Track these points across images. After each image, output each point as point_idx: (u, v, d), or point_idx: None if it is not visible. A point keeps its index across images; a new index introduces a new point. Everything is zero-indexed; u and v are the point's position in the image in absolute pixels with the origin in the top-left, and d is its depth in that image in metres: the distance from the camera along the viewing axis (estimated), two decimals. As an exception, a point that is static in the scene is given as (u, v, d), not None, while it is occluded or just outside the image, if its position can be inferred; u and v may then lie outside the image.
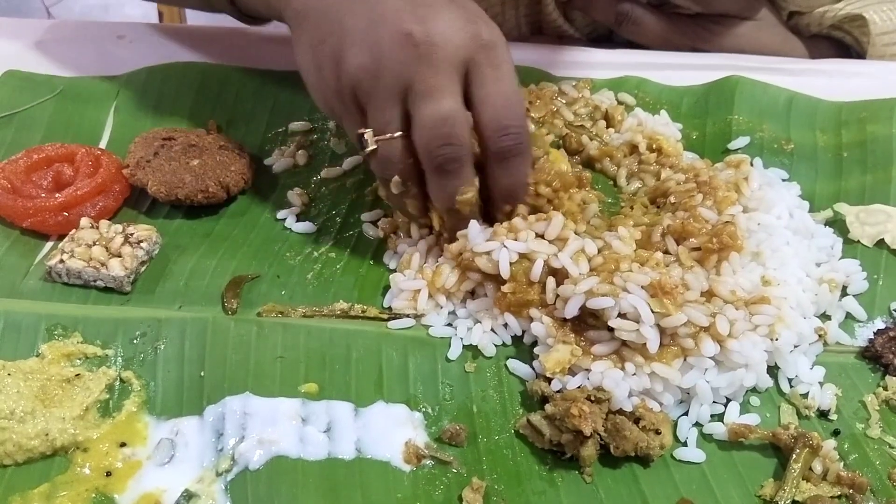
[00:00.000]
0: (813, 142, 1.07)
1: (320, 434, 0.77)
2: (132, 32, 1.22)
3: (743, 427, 0.78)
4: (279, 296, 0.89)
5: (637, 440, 0.76)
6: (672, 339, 0.80)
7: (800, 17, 1.24)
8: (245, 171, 0.99)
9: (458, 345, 0.85)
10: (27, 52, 1.18)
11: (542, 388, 0.80)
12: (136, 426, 0.78)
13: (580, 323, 0.82)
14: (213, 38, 1.21)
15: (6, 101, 1.09)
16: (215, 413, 0.78)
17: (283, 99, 1.11)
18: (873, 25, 1.17)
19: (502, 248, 0.84)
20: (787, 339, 0.81)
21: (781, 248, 0.88)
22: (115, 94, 1.10)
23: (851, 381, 0.84)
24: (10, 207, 0.93)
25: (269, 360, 0.82)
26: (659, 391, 0.79)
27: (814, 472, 0.76)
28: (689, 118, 1.10)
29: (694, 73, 1.15)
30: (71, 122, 1.07)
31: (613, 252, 0.85)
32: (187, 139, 1.00)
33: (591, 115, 1.08)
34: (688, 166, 0.98)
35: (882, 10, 1.19)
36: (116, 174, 0.97)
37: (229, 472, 0.74)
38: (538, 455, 0.78)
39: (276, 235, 0.96)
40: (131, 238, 0.90)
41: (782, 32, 1.25)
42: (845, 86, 1.14)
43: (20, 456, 0.75)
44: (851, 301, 0.89)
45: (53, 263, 0.88)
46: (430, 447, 0.77)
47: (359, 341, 0.84)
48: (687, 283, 0.82)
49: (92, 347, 0.83)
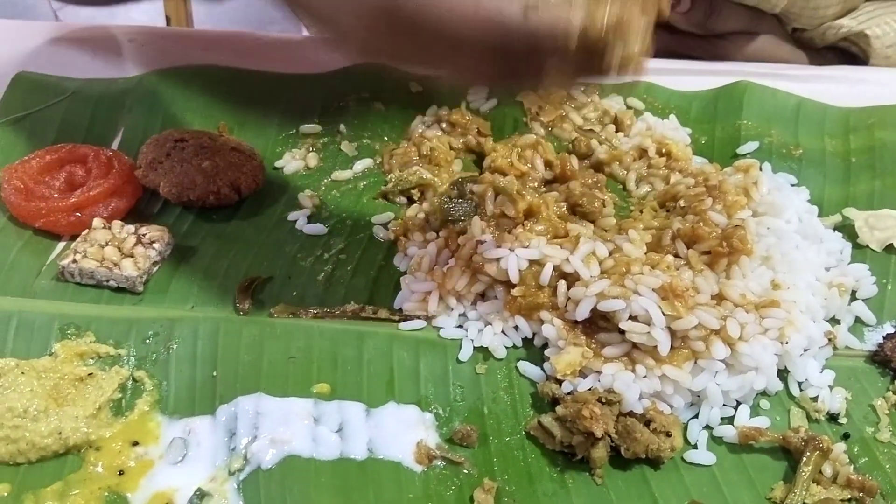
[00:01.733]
0: (821, 147, 1.08)
1: (332, 434, 0.77)
2: (142, 36, 1.23)
3: (753, 430, 0.79)
4: (291, 297, 0.89)
5: (648, 442, 0.76)
6: (683, 342, 0.80)
7: (803, 32, 1.25)
8: (256, 173, 1.00)
9: (469, 346, 0.85)
10: (38, 55, 1.19)
11: (553, 389, 0.80)
12: (149, 425, 0.78)
13: (591, 325, 0.83)
14: (221, 42, 1.22)
15: (19, 103, 1.09)
16: (228, 413, 0.78)
17: (294, 101, 1.12)
18: (876, 41, 1.18)
19: (511, 255, 0.84)
20: (796, 343, 0.82)
21: (791, 252, 0.89)
22: (126, 96, 1.11)
23: (861, 384, 0.84)
24: (23, 208, 0.94)
25: (281, 360, 0.83)
26: (669, 394, 0.80)
27: (824, 476, 0.76)
28: (698, 123, 1.10)
29: (703, 78, 1.16)
30: (83, 123, 1.08)
31: (624, 255, 0.85)
32: (199, 141, 1.00)
33: (600, 119, 1.09)
34: (697, 170, 0.99)
35: (886, 22, 1.20)
36: (128, 175, 0.97)
37: (242, 471, 0.75)
38: (549, 456, 0.78)
39: (287, 237, 0.96)
40: (144, 238, 0.91)
41: (787, 48, 1.26)
42: (852, 92, 1.15)
43: (33, 454, 0.75)
44: (861, 305, 0.90)
45: (66, 263, 0.89)
46: (441, 448, 0.78)
47: (370, 342, 0.85)
48: (697, 286, 0.83)
49: (105, 347, 0.84)
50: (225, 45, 1.21)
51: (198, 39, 1.24)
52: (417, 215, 0.96)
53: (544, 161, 1.00)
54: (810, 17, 1.22)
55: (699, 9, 1.20)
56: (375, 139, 1.08)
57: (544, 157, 1.00)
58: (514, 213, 0.88)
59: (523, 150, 1.01)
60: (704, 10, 1.21)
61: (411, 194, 0.99)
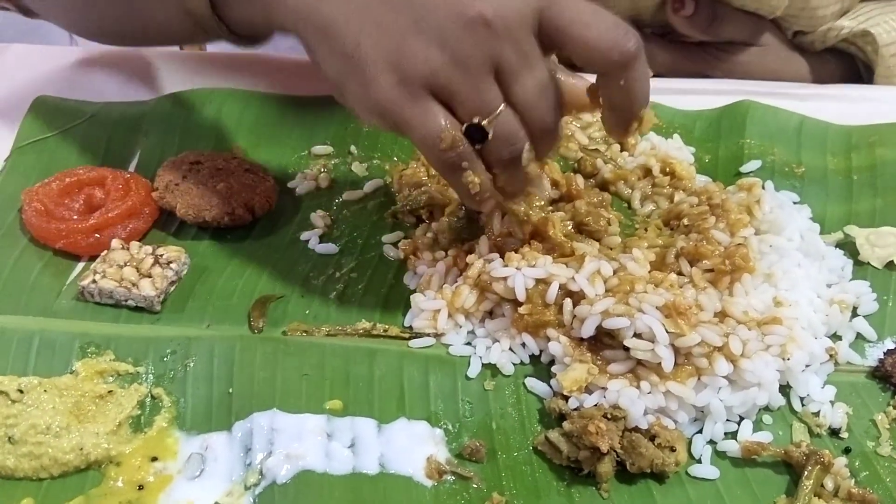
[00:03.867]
0: (823, 165, 1.09)
1: (345, 449, 0.79)
2: (157, 60, 1.26)
3: (756, 444, 0.80)
4: (304, 315, 0.92)
5: (653, 457, 0.78)
6: (686, 359, 0.82)
7: (804, 35, 1.27)
8: (269, 194, 1.02)
9: (478, 363, 0.87)
10: (55, 78, 1.22)
11: (560, 405, 0.82)
12: (167, 441, 0.80)
13: (596, 343, 0.85)
14: (234, 65, 1.25)
15: (38, 127, 1.12)
16: (243, 429, 0.80)
17: (306, 123, 1.14)
18: (880, 38, 1.20)
19: (518, 274, 0.86)
20: (798, 359, 0.83)
21: (793, 269, 0.90)
22: (143, 119, 1.13)
23: (862, 399, 0.85)
24: (43, 229, 0.96)
25: (294, 377, 0.85)
26: (674, 409, 0.81)
27: (825, 489, 0.78)
28: (701, 142, 1.12)
29: (706, 98, 1.18)
30: (101, 146, 1.10)
31: (628, 273, 0.87)
32: (214, 163, 1.03)
33: (605, 138, 1.10)
34: (701, 189, 1.01)
35: (886, 21, 1.21)
36: (146, 197, 1.00)
37: (257, 485, 0.77)
38: (556, 471, 0.80)
39: (299, 256, 0.98)
40: (161, 259, 0.93)
41: (788, 55, 1.28)
42: (854, 110, 1.16)
43: (56, 470, 0.78)
44: (862, 322, 0.91)
45: (86, 283, 0.91)
46: (451, 463, 0.79)
47: (381, 360, 0.87)
48: (700, 303, 0.84)
49: (124, 365, 0.86)
50: (238, 68, 1.24)
51: (212, 62, 1.26)
52: (427, 234, 0.98)
53: (550, 180, 1.02)
54: (810, 17, 1.23)
55: (702, 13, 1.22)
56: (385, 160, 1.10)
57: (550, 177, 1.02)
58: (521, 234, 0.90)
59: (530, 169, 1.03)
60: (707, 15, 1.23)
61: (420, 214, 1.01)
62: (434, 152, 0.79)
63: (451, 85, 0.77)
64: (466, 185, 0.81)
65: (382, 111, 0.79)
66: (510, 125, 0.79)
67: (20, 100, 1.15)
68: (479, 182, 0.81)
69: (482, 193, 0.82)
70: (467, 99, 0.77)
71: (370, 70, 0.77)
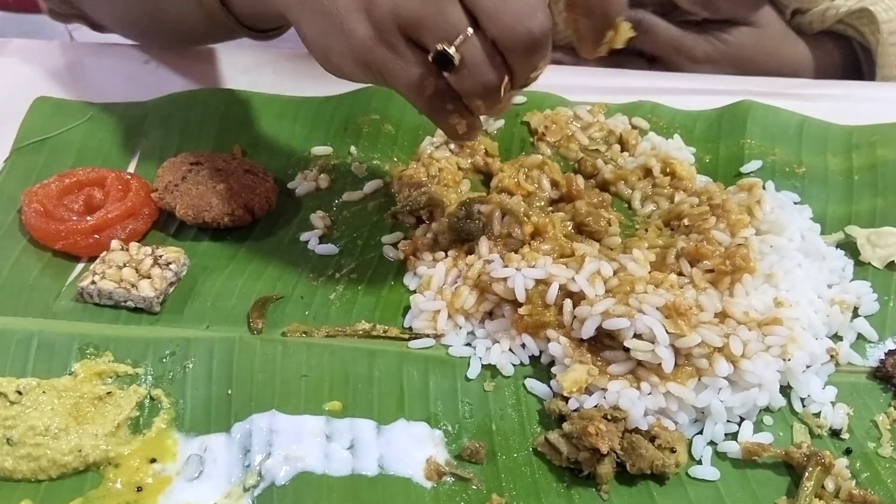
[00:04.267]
0: (824, 165, 1.09)
1: (344, 451, 0.79)
2: (157, 57, 1.26)
3: (756, 445, 0.80)
4: (303, 316, 0.91)
5: (653, 458, 0.78)
6: (686, 360, 0.82)
7: (802, 15, 1.27)
8: (269, 195, 1.02)
9: (477, 364, 0.87)
10: (54, 75, 1.22)
11: (560, 406, 0.82)
12: (166, 442, 0.80)
13: (596, 343, 0.85)
14: (235, 64, 1.25)
15: (38, 127, 1.12)
16: (242, 430, 0.80)
17: (306, 124, 1.14)
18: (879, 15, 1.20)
19: (518, 275, 0.86)
20: (799, 360, 0.83)
21: (793, 270, 0.90)
22: (142, 119, 1.13)
23: (863, 400, 0.85)
24: (43, 230, 0.96)
25: (294, 378, 0.85)
26: (674, 410, 0.81)
27: (826, 491, 0.78)
28: (702, 142, 1.12)
29: (706, 97, 1.17)
30: (101, 147, 1.10)
31: (628, 274, 0.87)
32: (214, 164, 1.02)
33: (605, 139, 1.11)
34: (701, 189, 1.01)
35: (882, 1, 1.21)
36: (145, 198, 1.00)
37: (256, 487, 0.77)
38: (556, 472, 0.80)
39: (299, 257, 0.98)
40: (160, 260, 0.93)
41: (786, 35, 1.29)
42: (855, 110, 1.16)
43: (54, 471, 0.78)
44: (863, 322, 0.91)
45: (85, 285, 0.91)
46: (450, 464, 0.79)
47: (380, 361, 0.87)
48: (701, 304, 0.84)
49: (123, 366, 0.86)
50: (239, 67, 1.24)
51: (212, 60, 1.26)
52: (426, 235, 0.98)
53: (551, 181, 1.02)
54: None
55: None
56: (385, 160, 1.10)
57: (551, 177, 1.02)
58: (521, 234, 0.90)
59: (530, 170, 1.03)
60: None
61: (420, 214, 1.01)
62: (421, 100, 0.80)
63: (415, 15, 0.76)
64: (454, 126, 0.82)
65: (366, 60, 0.80)
66: (475, 52, 0.77)
67: (20, 100, 1.15)
68: (465, 124, 0.82)
69: (470, 133, 0.83)
70: (433, 24, 0.76)
71: (347, 22, 0.78)
